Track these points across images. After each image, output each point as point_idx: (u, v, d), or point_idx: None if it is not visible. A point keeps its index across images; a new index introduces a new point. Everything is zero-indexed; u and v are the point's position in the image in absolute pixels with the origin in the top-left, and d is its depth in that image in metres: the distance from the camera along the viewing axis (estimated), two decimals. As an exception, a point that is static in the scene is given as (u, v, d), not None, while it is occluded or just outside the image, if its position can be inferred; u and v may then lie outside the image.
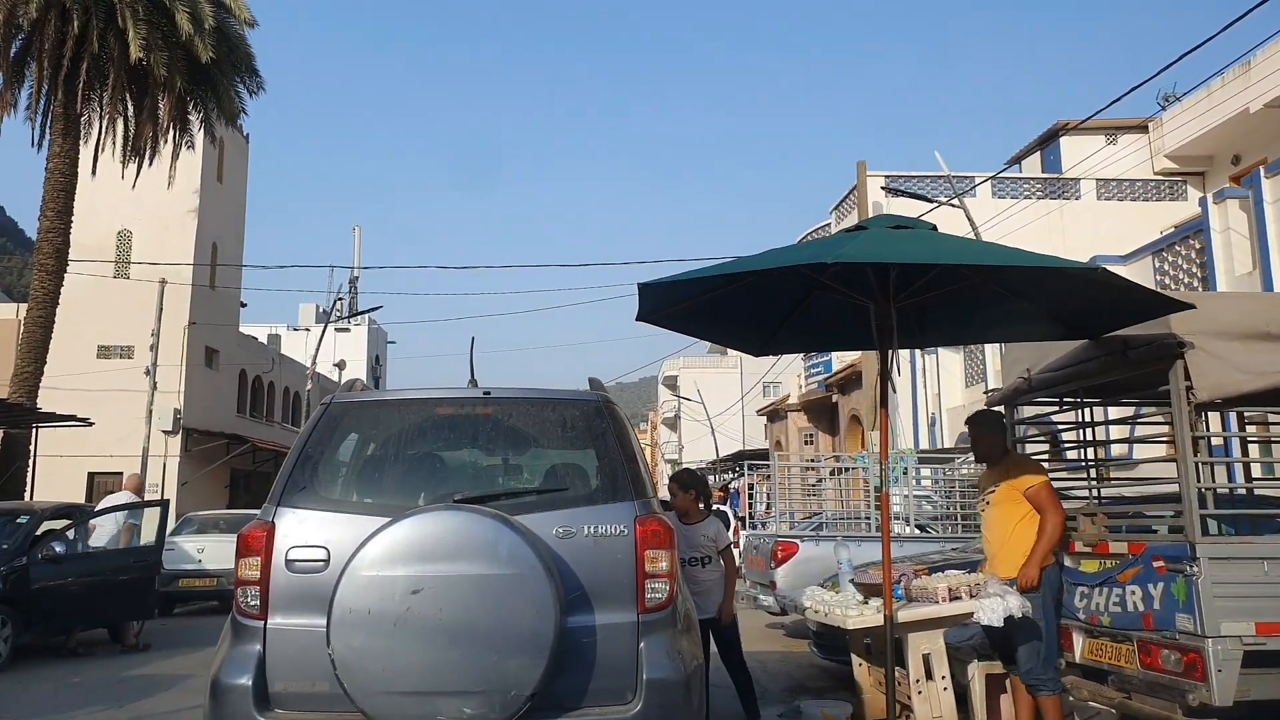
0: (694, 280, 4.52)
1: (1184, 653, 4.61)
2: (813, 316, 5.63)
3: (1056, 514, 5.02)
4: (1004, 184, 25.76)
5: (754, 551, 11.41)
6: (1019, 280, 4.90)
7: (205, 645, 10.97)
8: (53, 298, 18.39)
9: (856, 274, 5.01)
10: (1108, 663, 5.15)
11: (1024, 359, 6.04)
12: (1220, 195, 14.22)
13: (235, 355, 30.98)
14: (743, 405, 55.65)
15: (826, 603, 5.34)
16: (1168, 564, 4.72)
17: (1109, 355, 5.22)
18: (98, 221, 26.44)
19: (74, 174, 18.75)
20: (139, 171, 20.72)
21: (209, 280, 28.79)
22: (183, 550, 14.70)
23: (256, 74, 21.40)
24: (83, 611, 10.36)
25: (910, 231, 4.71)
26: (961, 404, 23.41)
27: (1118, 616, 5.04)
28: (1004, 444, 5.41)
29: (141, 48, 17.82)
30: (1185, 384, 4.72)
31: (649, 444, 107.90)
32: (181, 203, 27.42)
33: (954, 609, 4.88)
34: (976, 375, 22.46)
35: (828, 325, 5.82)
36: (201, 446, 27.44)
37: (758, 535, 11.93)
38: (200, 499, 26.04)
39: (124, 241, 27.20)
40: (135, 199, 26.97)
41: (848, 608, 5.04)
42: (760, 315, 5.66)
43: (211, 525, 15.99)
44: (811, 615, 5.48)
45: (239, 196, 31.47)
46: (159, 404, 25.98)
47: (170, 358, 26.39)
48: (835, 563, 5.99)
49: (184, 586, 14.55)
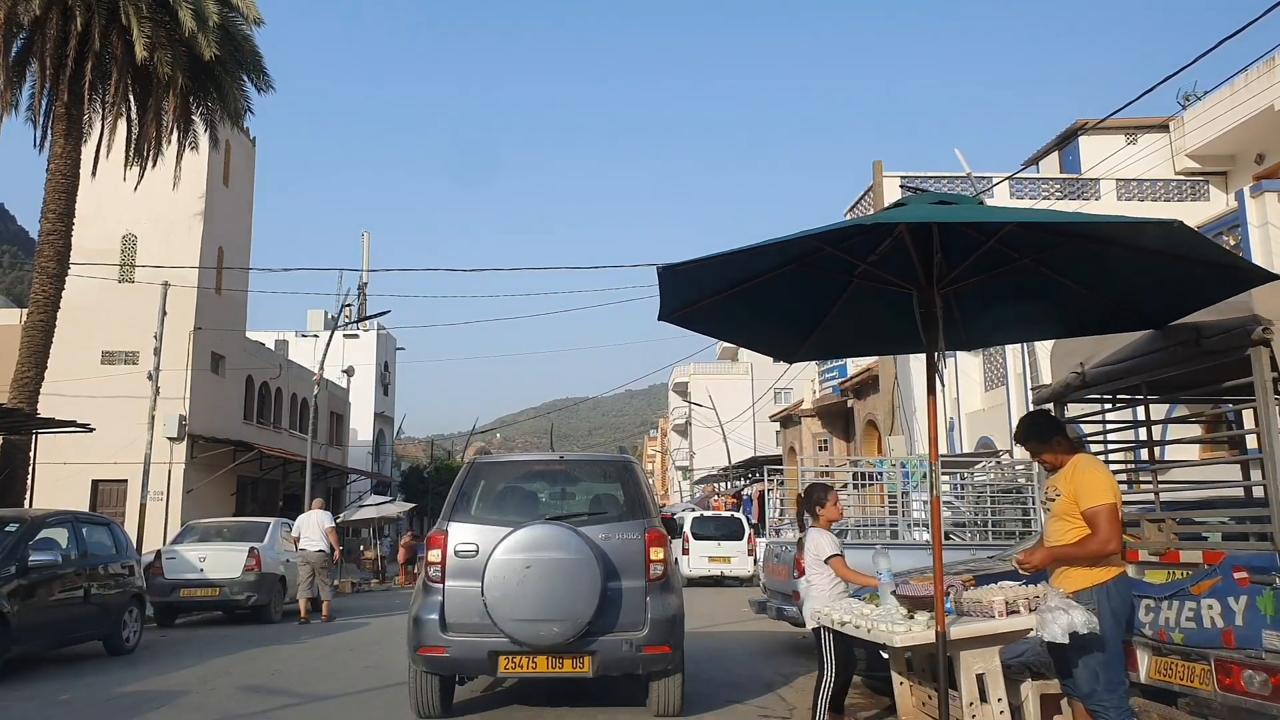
0: (723, 261, 4.09)
1: (1271, 674, 4.14)
2: (851, 315, 5.18)
3: (1109, 543, 4.32)
4: (1022, 185, 25.26)
5: (775, 560, 10.94)
6: (1077, 260, 4.44)
7: (207, 658, 10.57)
8: (54, 301, 18.04)
9: (899, 261, 4.57)
10: (1179, 684, 4.68)
11: (1078, 351, 5.57)
12: (1257, 189, 13.73)
13: (242, 361, 30.66)
14: (754, 412, 55.15)
15: (867, 617, 4.88)
16: (1252, 575, 4.26)
17: (1178, 345, 4.74)
18: (102, 225, 26.18)
19: (76, 175, 18.42)
20: (142, 173, 20.41)
21: (215, 285, 28.49)
22: (184, 559, 14.30)
23: (264, 73, 21.04)
24: (71, 625, 9.96)
25: (957, 207, 4.27)
26: (981, 408, 22.90)
27: (1191, 633, 4.57)
28: (1064, 448, 4.75)
29: (146, 46, 17.49)
30: (1272, 375, 4.25)
31: (659, 450, 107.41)
32: (187, 206, 27.13)
33: (1012, 624, 4.41)
34: (996, 378, 21.95)
35: (867, 324, 5.33)
36: (207, 453, 27.11)
37: (779, 543, 11.47)
38: (206, 506, 25.69)
39: (129, 246, 26.92)
40: (140, 202, 26.73)
41: (893, 623, 4.58)
42: (795, 314, 5.21)
43: (214, 533, 15.58)
44: (850, 632, 5.02)
45: (245, 200, 31.17)
46: (164, 410, 25.64)
47: (175, 363, 26.07)
48: (873, 573, 5.53)
49: (185, 596, 14.14)
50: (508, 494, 7.18)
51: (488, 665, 6.43)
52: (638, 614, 6.49)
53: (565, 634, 6.24)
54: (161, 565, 14.30)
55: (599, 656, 6.37)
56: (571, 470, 7.57)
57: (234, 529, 15.78)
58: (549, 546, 6.36)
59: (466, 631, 6.43)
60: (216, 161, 28.20)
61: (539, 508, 7.15)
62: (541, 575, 6.28)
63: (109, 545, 10.92)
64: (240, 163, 30.56)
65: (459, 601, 6.46)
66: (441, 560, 6.60)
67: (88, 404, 22.36)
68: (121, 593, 10.78)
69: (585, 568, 6.30)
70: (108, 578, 10.56)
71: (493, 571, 6.30)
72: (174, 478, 25.96)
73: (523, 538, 6.36)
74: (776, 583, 10.75)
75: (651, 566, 6.61)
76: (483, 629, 6.36)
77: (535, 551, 6.33)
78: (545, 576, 6.28)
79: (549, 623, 6.22)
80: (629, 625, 6.46)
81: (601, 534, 6.60)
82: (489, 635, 6.35)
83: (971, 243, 4.52)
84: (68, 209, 18.30)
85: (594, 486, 7.47)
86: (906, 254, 4.58)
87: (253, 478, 30.59)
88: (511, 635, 6.26)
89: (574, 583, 6.28)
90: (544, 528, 6.47)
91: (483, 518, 6.78)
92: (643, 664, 6.51)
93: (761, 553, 23.28)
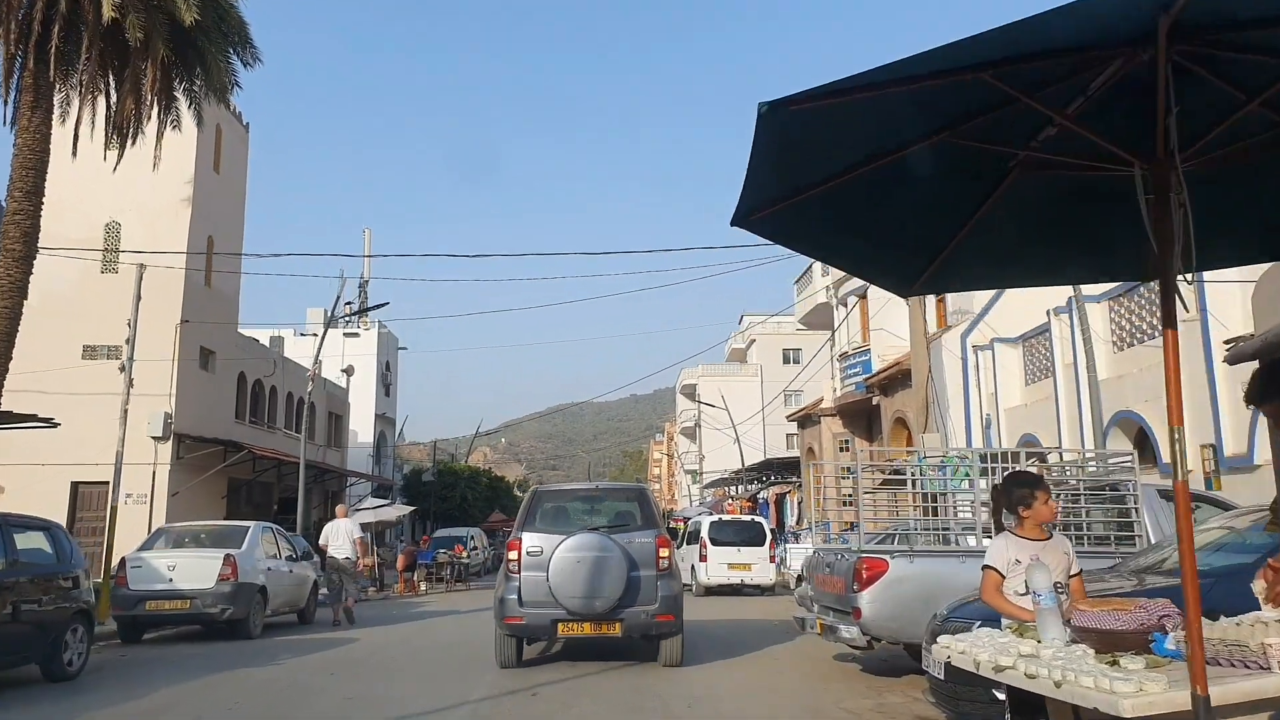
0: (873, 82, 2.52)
1: None
2: (1008, 221, 3.60)
3: None
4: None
5: (826, 570, 9.36)
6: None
7: (164, 683, 8.99)
8: (20, 288, 16.50)
9: (1106, 116, 3.02)
10: None
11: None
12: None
13: (234, 357, 29.09)
14: (763, 416, 53.52)
15: (1046, 662, 3.29)
16: None
17: None
18: (84, 213, 24.68)
19: (45, 151, 16.90)
20: (122, 152, 18.85)
21: (204, 276, 26.97)
22: (150, 567, 12.75)
23: (250, 44, 19.53)
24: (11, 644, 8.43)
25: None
26: (1021, 403, 21.29)
27: None
28: None
29: (115, 7, 16.00)
30: None
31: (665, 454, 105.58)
32: (174, 192, 25.60)
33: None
34: (1040, 371, 20.33)
35: (1031, 237, 3.75)
36: (195, 454, 25.53)
37: (830, 550, 9.87)
38: (194, 510, 24.11)
39: (112, 234, 25.32)
40: (124, 189, 25.21)
41: (1098, 675, 2.98)
42: (929, 218, 3.64)
43: (188, 538, 14.02)
44: (1017, 682, 3.42)
45: (238, 188, 29.59)
46: (149, 408, 24.12)
47: (161, 358, 24.53)
48: (1026, 591, 3.95)
49: (151, 610, 12.57)
50: (560, 512, 10.10)
51: (551, 630, 9.31)
52: (651, 594, 9.23)
53: (604, 607, 9.06)
54: (126, 574, 12.76)
55: (626, 623, 9.19)
56: (603, 495, 10.72)
57: (210, 534, 14.22)
58: (592, 548, 9.18)
59: (536, 606, 9.15)
60: (205, 145, 26.67)
61: (582, 521, 9.93)
62: (588, 567, 9.06)
63: (48, 553, 9.38)
64: (232, 148, 28.99)
65: (531, 586, 9.21)
66: (518, 558, 9.38)
67: (67, 401, 20.87)
68: (63, 608, 9.22)
69: (616, 562, 9.12)
70: (45, 591, 9.01)
71: (555, 565, 9.11)
72: (159, 479, 24.41)
73: (574, 542, 9.20)
74: (829, 597, 9.17)
75: (660, 561, 9.40)
76: (547, 604, 9.09)
77: (583, 551, 9.13)
78: (590, 568, 9.06)
79: (593, 599, 9.04)
80: (645, 601, 9.20)
81: (626, 539, 9.41)
82: (552, 609, 9.10)
83: (1219, 100, 2.97)
84: (36, 187, 16.78)
85: (618, 506, 10.43)
86: (1111, 113, 3.03)
87: (245, 480, 29.02)
88: (568, 608, 9.05)
89: (609, 572, 9.08)
90: (588, 535, 9.36)
91: (544, 529, 9.60)
92: (655, 628, 9.31)
93: (791, 559, 21.65)
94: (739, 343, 74.26)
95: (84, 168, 22.32)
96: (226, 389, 28.78)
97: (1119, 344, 17.06)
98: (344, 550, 15.77)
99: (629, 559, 9.14)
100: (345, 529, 16.09)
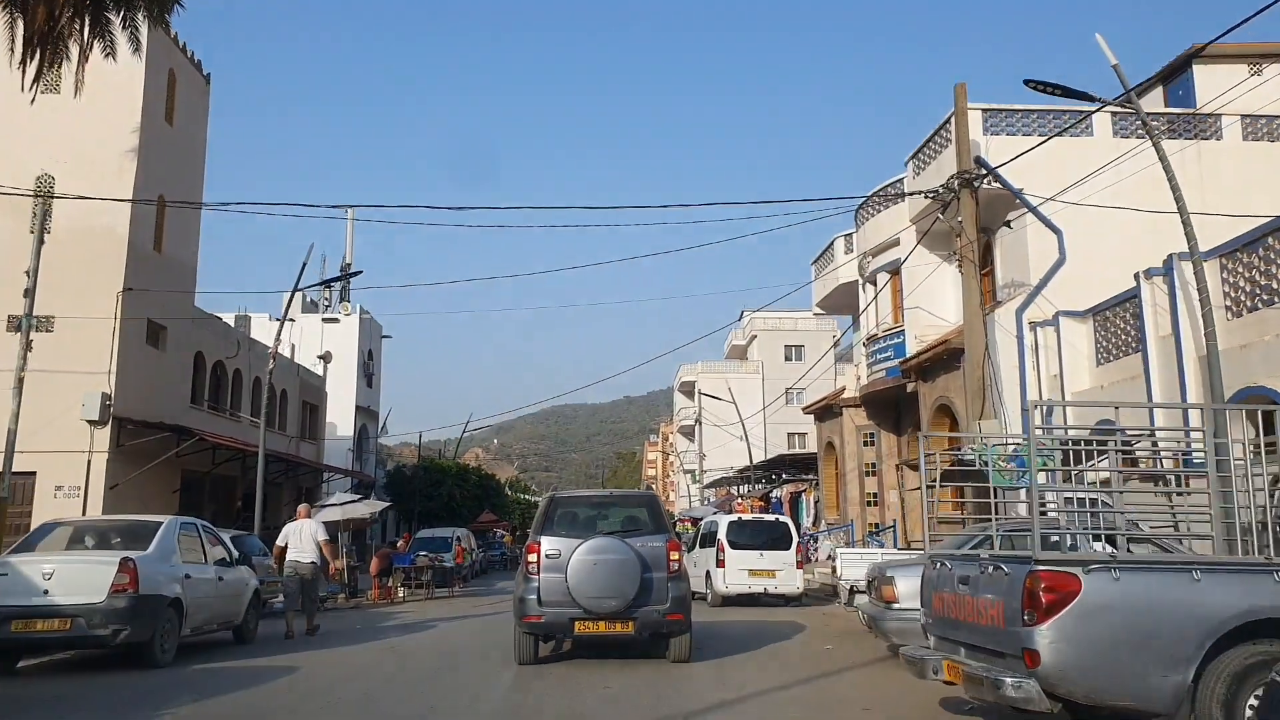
0: None
1: None
2: None
3: None
4: (1127, 120, 20.73)
5: (961, 588, 6.33)
6: None
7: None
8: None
9: None
10: None
11: None
12: None
13: (190, 335, 25.90)
14: (764, 414, 50.65)
15: None
16: None
17: None
18: (10, 162, 21.54)
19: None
20: (39, 76, 15.80)
21: (154, 240, 23.82)
22: (20, 576, 9.63)
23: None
24: None
25: None
26: (1090, 385, 18.32)
27: None
28: None
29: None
30: None
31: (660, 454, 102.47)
32: (118, 142, 22.46)
33: None
34: (1118, 348, 17.36)
35: None
36: (138, 440, 22.30)
37: (969, 562, 6.77)
38: (139, 506, 20.93)
39: (44, 187, 22.06)
40: (59, 139, 22.13)
41: None
42: None
43: (79, 538, 10.93)
44: None
45: (196, 144, 26.32)
46: (83, 386, 21.01)
47: (99, 330, 21.40)
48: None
49: (18, 632, 9.45)
50: (575, 517, 10.67)
51: (569, 628, 9.88)
52: (662, 594, 9.90)
53: (618, 606, 9.73)
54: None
55: (639, 621, 9.83)
56: (615, 501, 11.83)
57: (110, 530, 11.11)
58: (608, 550, 9.85)
59: (555, 606, 9.78)
60: (155, 92, 23.54)
61: (598, 526, 10.59)
62: (604, 569, 9.74)
63: None
64: (189, 99, 25.76)
65: (549, 586, 9.83)
66: (537, 561, 9.97)
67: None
68: None
69: (630, 564, 9.78)
70: None
71: (574, 567, 9.73)
72: (94, 470, 21.27)
73: (591, 545, 9.86)
74: (970, 629, 6.14)
75: (670, 564, 10.06)
76: (565, 604, 9.74)
77: (599, 554, 9.80)
78: (606, 569, 9.74)
79: (609, 599, 9.70)
80: (657, 601, 9.87)
81: (639, 543, 10.05)
82: (569, 608, 9.74)
83: None
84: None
85: (630, 511, 11.08)
86: None
87: (201, 472, 25.86)
88: (586, 607, 9.69)
89: (623, 574, 9.74)
90: (604, 539, 10.03)
91: (562, 533, 10.20)
92: (665, 626, 9.97)
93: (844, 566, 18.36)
94: (740, 339, 71.38)
95: (11, 112, 19.25)
96: (180, 370, 25.61)
97: (1235, 308, 14.10)
98: (308, 555, 13.85)
99: (642, 561, 9.81)
100: (309, 530, 14.07)
